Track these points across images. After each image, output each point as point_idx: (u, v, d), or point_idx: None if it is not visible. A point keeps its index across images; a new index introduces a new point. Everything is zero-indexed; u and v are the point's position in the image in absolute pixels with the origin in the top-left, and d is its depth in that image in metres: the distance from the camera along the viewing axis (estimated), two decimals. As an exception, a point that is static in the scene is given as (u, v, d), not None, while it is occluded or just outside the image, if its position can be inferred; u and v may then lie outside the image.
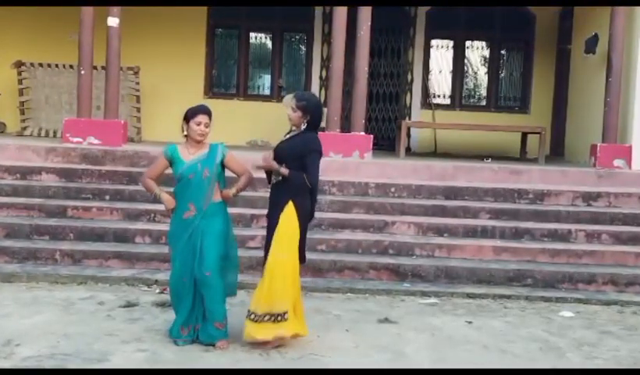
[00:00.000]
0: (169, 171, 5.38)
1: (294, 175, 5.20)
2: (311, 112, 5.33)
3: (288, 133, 5.49)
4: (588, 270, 7.67)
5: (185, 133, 5.26)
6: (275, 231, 5.23)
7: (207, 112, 5.27)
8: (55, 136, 11.72)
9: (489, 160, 11.11)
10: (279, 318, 5.17)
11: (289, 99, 5.44)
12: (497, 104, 13.81)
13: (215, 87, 13.57)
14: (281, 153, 5.34)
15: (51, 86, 12.19)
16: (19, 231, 7.79)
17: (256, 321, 5.19)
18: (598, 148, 10.08)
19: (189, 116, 5.23)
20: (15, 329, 5.42)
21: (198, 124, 5.19)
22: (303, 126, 5.34)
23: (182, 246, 5.19)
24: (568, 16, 12.89)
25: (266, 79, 13.90)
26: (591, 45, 11.46)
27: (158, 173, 5.38)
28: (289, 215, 5.21)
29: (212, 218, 5.22)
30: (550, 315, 6.68)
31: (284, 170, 5.20)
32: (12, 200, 8.33)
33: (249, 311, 5.23)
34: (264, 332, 5.17)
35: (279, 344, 5.23)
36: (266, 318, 5.16)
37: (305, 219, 5.35)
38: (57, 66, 12.09)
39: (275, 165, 5.24)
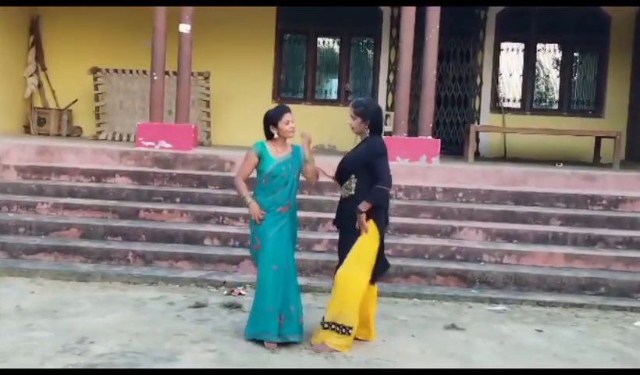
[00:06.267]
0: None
1: (374, 196, 5.14)
2: (370, 115, 5.32)
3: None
4: (666, 280, 7.40)
5: (275, 135, 5.35)
6: (354, 245, 5.21)
7: (289, 110, 5.41)
8: (128, 140, 12.04)
9: (561, 165, 10.84)
10: (344, 330, 5.19)
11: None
12: (570, 107, 13.48)
13: (283, 91, 13.67)
14: (347, 164, 5.35)
15: (125, 91, 12.54)
16: (94, 232, 8.03)
17: (324, 327, 5.25)
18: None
19: (276, 119, 5.33)
20: (89, 327, 5.59)
21: (287, 123, 5.33)
22: (366, 132, 5.35)
23: (274, 234, 5.24)
24: (645, 17, 12.50)
25: (333, 83, 13.94)
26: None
27: (251, 171, 5.44)
28: (370, 233, 5.20)
29: (292, 215, 5.41)
30: (624, 325, 6.47)
31: (365, 206, 5.13)
32: (87, 202, 8.60)
33: (322, 318, 5.31)
34: (323, 336, 5.22)
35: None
36: (332, 326, 5.20)
37: (384, 232, 5.36)
38: (131, 71, 12.42)
39: (364, 223, 5.17)
